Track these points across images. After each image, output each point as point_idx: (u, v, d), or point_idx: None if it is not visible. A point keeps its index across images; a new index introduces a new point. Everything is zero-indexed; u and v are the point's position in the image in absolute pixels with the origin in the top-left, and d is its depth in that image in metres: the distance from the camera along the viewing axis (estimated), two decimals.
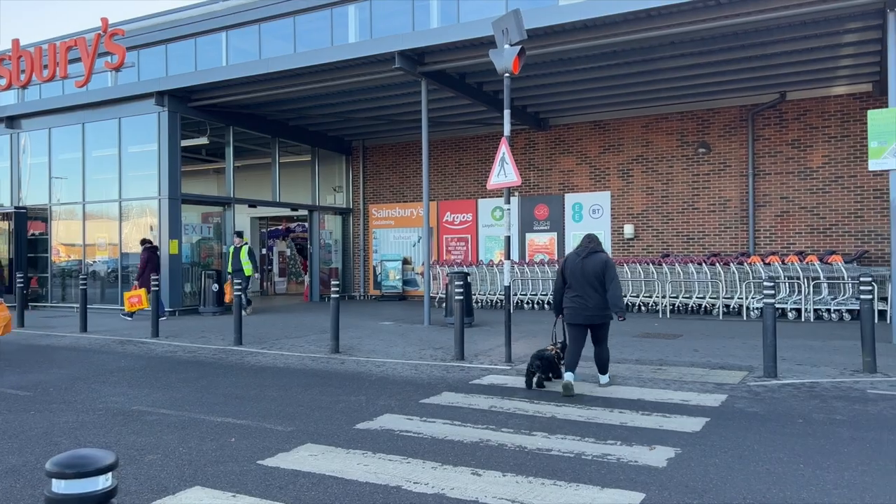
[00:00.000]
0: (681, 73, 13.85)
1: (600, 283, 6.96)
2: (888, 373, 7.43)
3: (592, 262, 7.03)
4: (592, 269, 6.99)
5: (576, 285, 7.07)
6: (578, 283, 7.05)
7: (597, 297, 6.97)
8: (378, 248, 20.30)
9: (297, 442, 5.22)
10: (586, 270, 7.01)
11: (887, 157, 9.56)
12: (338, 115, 17.56)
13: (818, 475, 4.30)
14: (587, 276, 6.99)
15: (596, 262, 7.02)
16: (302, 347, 10.30)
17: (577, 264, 7.09)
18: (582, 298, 7.02)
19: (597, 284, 6.97)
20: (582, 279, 7.02)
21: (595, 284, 6.97)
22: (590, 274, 6.99)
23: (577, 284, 7.06)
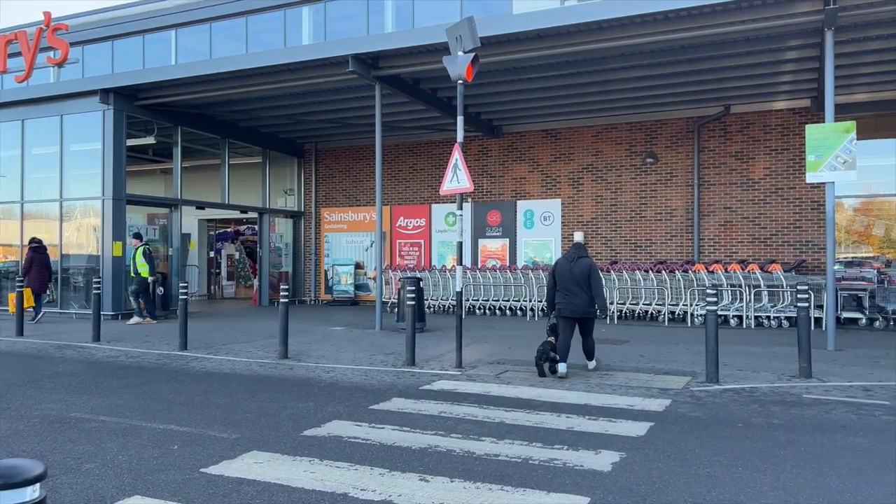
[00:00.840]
0: (630, 85, 14.17)
1: (586, 283, 8.12)
2: (823, 378, 7.72)
3: (580, 266, 8.18)
4: (580, 272, 8.13)
5: (565, 286, 8.19)
6: (567, 283, 8.19)
7: (584, 295, 8.11)
8: (330, 253, 20.12)
9: (243, 449, 5.12)
10: (574, 273, 8.15)
11: (823, 171, 9.96)
12: (290, 117, 17.37)
13: (756, 478, 4.44)
14: (575, 277, 8.14)
15: (582, 266, 8.16)
16: (249, 353, 10.13)
17: (566, 268, 8.24)
18: (571, 296, 8.14)
19: (583, 284, 8.12)
20: (570, 281, 8.16)
21: (582, 285, 8.12)
22: (577, 276, 8.13)
23: (566, 285, 8.19)
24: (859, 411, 6.20)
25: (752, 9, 10.37)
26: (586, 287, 8.10)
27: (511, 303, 15.80)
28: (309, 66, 13.38)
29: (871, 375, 7.89)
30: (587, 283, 8.09)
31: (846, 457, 4.86)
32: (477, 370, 8.56)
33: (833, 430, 5.56)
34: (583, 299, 8.11)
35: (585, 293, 8.10)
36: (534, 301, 15.36)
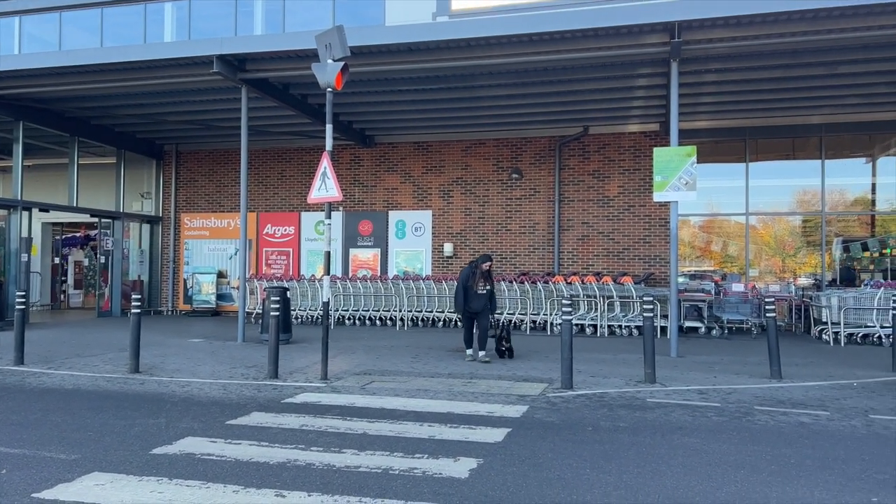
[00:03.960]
0: (498, 102, 14.68)
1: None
2: (665, 383, 8.34)
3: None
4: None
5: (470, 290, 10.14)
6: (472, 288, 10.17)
7: (484, 298, 10.15)
8: (190, 260, 19.18)
9: (83, 471, 4.77)
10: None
11: (669, 191, 10.79)
12: (149, 116, 16.44)
13: (601, 478, 4.71)
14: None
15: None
16: (96, 367, 9.44)
17: (471, 274, 10.21)
18: (474, 299, 10.14)
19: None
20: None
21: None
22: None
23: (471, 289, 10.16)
24: (694, 413, 6.75)
25: (608, 37, 11.09)
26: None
27: (382, 313, 15.79)
28: (171, 64, 12.74)
29: (707, 380, 8.62)
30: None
31: (681, 456, 5.27)
32: (343, 382, 8.48)
33: (671, 432, 6.02)
34: (484, 300, 10.25)
35: (485, 296, 10.29)
36: (404, 311, 15.45)
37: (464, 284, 10.16)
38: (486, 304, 10.20)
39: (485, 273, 10.18)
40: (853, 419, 6.51)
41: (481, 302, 10.15)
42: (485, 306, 10.18)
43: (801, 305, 14.81)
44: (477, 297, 10.13)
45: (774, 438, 5.79)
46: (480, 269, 10.17)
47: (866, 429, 6.16)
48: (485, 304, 10.17)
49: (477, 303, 10.14)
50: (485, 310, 10.20)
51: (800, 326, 14.79)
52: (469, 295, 10.12)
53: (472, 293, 10.11)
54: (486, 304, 10.20)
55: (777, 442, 5.68)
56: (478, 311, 10.18)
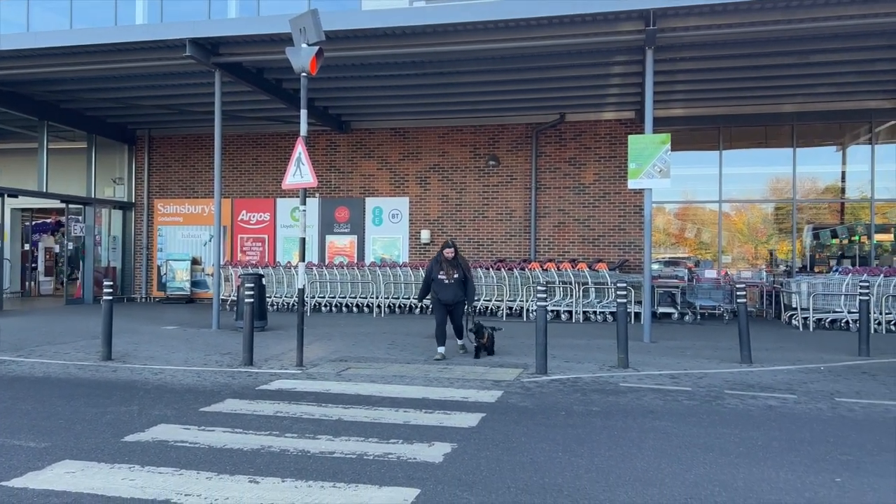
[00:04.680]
0: (475, 89, 14.65)
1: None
2: (638, 368, 8.45)
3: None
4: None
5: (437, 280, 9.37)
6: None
7: (453, 287, 9.27)
8: (164, 247, 18.95)
9: (53, 459, 4.72)
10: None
11: (643, 178, 10.88)
12: (121, 100, 16.14)
13: (573, 461, 4.78)
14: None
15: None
16: (67, 354, 9.32)
17: (435, 264, 9.47)
18: (443, 289, 9.33)
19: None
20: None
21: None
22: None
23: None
24: (666, 397, 6.86)
25: (583, 24, 11.10)
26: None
27: (358, 300, 15.76)
28: (142, 47, 12.52)
29: (679, 365, 8.75)
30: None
31: (652, 439, 5.35)
32: (318, 368, 8.47)
33: (643, 415, 6.11)
34: (455, 291, 9.36)
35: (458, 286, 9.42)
36: (381, 298, 15.43)
37: (428, 275, 9.43)
38: (460, 294, 9.28)
39: (451, 261, 9.28)
40: (819, 402, 6.66)
41: (451, 292, 9.23)
42: (456, 296, 9.27)
43: (773, 291, 15.07)
44: (445, 288, 9.25)
45: (743, 421, 5.91)
46: (443, 256, 9.31)
47: (832, 411, 6.30)
48: (456, 293, 9.25)
49: (446, 293, 9.25)
50: (458, 301, 9.32)
51: (770, 312, 15.05)
52: (437, 285, 9.30)
53: (439, 283, 9.28)
54: (459, 293, 9.28)
55: (746, 425, 5.79)
56: (449, 301, 9.29)
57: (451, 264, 9.26)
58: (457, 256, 9.33)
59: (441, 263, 9.30)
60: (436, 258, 9.47)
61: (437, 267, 9.33)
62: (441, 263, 9.30)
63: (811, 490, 4.21)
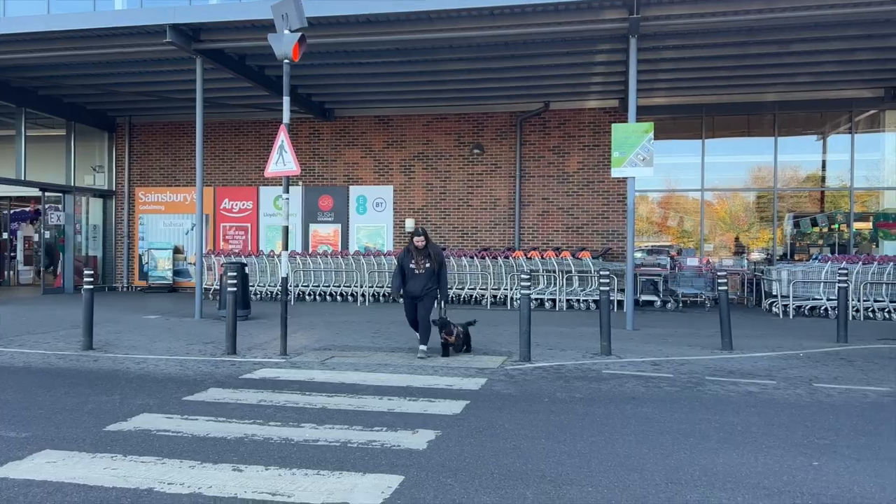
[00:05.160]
0: (459, 77, 14.61)
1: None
2: (620, 355, 8.52)
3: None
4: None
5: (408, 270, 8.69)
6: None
7: (422, 279, 8.53)
8: (145, 236, 18.77)
9: (34, 448, 4.68)
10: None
11: (626, 167, 10.92)
12: (100, 87, 15.91)
13: (556, 447, 4.82)
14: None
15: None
16: (48, 344, 9.23)
17: (406, 253, 8.79)
18: (411, 280, 8.63)
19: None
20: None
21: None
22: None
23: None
24: (647, 384, 6.93)
25: (568, 12, 11.09)
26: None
27: (343, 289, 15.73)
28: (122, 33, 12.34)
29: (660, 352, 8.83)
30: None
31: (633, 425, 5.41)
32: (302, 357, 8.45)
33: (625, 402, 6.17)
34: (423, 282, 8.59)
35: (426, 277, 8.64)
36: (365, 287, 15.41)
37: (400, 264, 8.68)
38: (428, 287, 8.45)
39: (420, 250, 8.52)
40: (798, 388, 6.76)
41: (418, 284, 8.46)
42: (425, 288, 8.45)
43: (754, 279, 15.23)
44: (414, 279, 8.50)
45: (723, 407, 5.99)
46: (413, 245, 8.57)
47: (810, 397, 6.40)
48: (424, 285, 8.44)
49: (413, 284, 8.50)
50: (426, 293, 8.46)
51: (752, 300, 15.22)
52: (406, 275, 8.58)
53: (409, 274, 8.55)
54: (428, 286, 8.45)
55: (726, 410, 5.87)
56: (415, 294, 8.49)
57: (422, 254, 8.52)
58: (428, 245, 8.55)
59: (411, 253, 8.61)
60: (406, 248, 8.74)
61: (407, 257, 8.63)
62: (411, 253, 8.61)
63: (789, 473, 4.28)
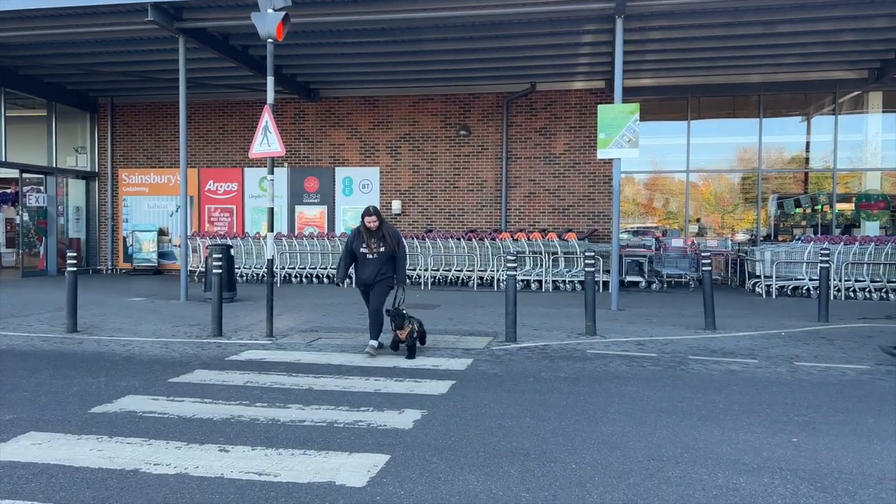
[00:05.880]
0: (445, 57, 14.51)
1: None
2: (605, 335, 8.60)
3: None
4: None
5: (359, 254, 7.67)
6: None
7: (374, 264, 7.53)
8: (129, 217, 18.61)
9: (18, 431, 4.67)
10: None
11: (612, 148, 10.94)
12: (81, 66, 15.67)
13: (540, 426, 4.87)
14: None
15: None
16: (31, 326, 9.17)
17: (356, 235, 7.73)
18: (363, 266, 7.64)
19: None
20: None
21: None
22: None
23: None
24: (632, 363, 7.00)
25: None
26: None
27: (329, 271, 15.69)
28: (103, 11, 12.10)
29: (645, 332, 8.92)
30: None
31: (617, 403, 5.48)
32: (288, 339, 8.46)
33: (609, 381, 6.23)
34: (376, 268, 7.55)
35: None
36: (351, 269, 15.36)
37: (348, 248, 7.62)
38: (382, 273, 7.41)
39: (373, 231, 7.43)
40: (779, 366, 6.86)
41: (371, 270, 7.42)
42: (378, 275, 7.40)
43: (738, 260, 15.37)
44: (365, 264, 7.46)
45: (706, 386, 6.07)
46: (364, 225, 7.47)
47: (791, 375, 6.50)
48: (378, 271, 7.40)
49: (366, 271, 7.47)
50: (379, 280, 7.42)
51: (735, 280, 15.37)
52: (357, 262, 7.59)
53: (360, 260, 7.51)
54: (382, 271, 7.41)
55: (708, 389, 5.95)
56: (369, 282, 7.48)
57: (375, 236, 7.42)
58: (382, 226, 7.45)
59: (362, 234, 7.49)
60: (356, 229, 7.65)
61: (357, 239, 7.52)
62: (362, 234, 7.49)
63: (768, 450, 4.36)
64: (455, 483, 3.78)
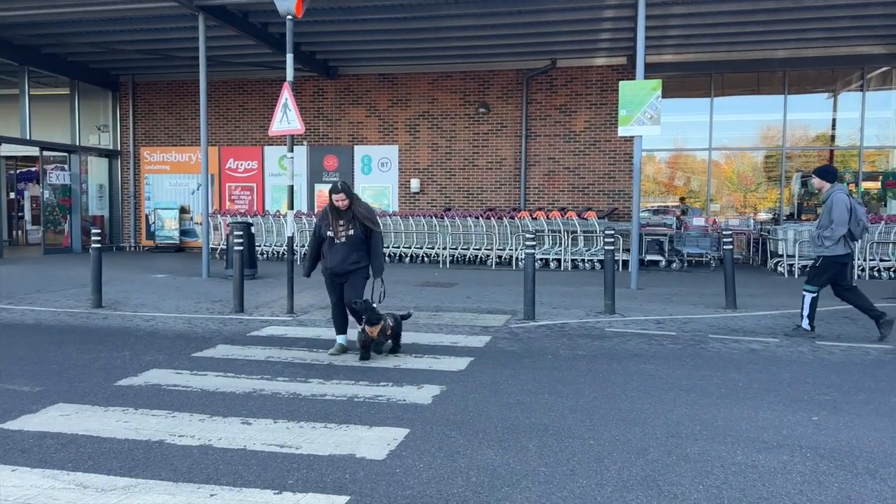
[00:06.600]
0: (464, 33, 14.38)
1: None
2: (624, 313, 8.57)
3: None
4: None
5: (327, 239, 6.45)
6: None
7: (344, 250, 6.25)
8: (151, 195, 18.80)
9: (47, 402, 4.79)
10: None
11: (633, 125, 10.82)
12: (103, 45, 15.77)
13: (558, 402, 4.89)
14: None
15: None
16: (58, 302, 9.34)
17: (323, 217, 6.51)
18: (331, 252, 6.36)
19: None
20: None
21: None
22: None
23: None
24: (651, 342, 6.99)
25: None
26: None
27: None
28: None
29: (664, 310, 8.88)
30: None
31: (636, 381, 5.48)
32: (309, 315, 8.54)
33: (627, 359, 6.23)
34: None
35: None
36: None
37: (316, 233, 6.38)
38: (354, 261, 6.15)
39: (342, 211, 6.14)
40: (801, 346, 6.81)
41: (339, 256, 6.15)
42: (349, 262, 6.15)
43: (760, 239, 15.20)
44: (334, 251, 6.18)
45: (725, 364, 6.05)
46: (332, 204, 6.17)
47: (812, 354, 6.45)
48: (347, 258, 6.14)
49: (334, 257, 6.18)
50: (351, 270, 6.18)
51: (757, 259, 15.21)
52: (325, 248, 6.27)
53: (328, 245, 6.23)
54: (353, 259, 6.15)
55: (727, 367, 5.93)
56: (337, 270, 6.21)
57: (344, 216, 6.15)
58: (352, 204, 6.16)
59: (328, 216, 6.24)
60: (324, 209, 6.38)
61: (324, 221, 6.29)
62: (328, 216, 6.24)
63: (788, 428, 4.35)
64: (473, 457, 3.82)
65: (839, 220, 6.91)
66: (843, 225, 6.92)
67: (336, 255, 6.18)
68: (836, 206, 6.94)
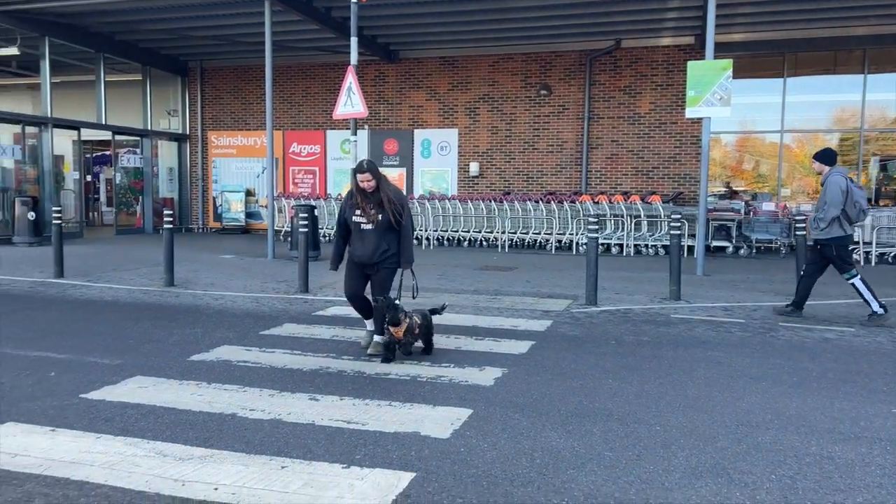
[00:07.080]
0: (526, 14, 14.19)
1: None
2: (690, 300, 8.38)
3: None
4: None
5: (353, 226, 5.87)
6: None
7: (374, 237, 5.64)
8: (218, 179, 19.34)
9: (126, 375, 5.01)
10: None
11: (702, 107, 10.49)
12: (172, 31, 16.23)
13: (623, 388, 4.83)
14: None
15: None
16: (133, 280, 9.74)
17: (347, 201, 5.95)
18: (359, 240, 5.78)
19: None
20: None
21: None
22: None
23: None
24: (718, 329, 6.81)
25: None
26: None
27: None
28: None
29: (732, 297, 8.64)
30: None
31: (703, 368, 5.36)
32: None
33: (694, 346, 6.10)
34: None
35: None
36: (430, 231, 15.53)
37: (341, 218, 5.78)
38: (385, 251, 5.58)
39: (369, 194, 5.53)
40: (879, 335, 6.53)
41: (370, 245, 5.56)
42: (380, 253, 5.57)
43: None
44: (362, 238, 5.59)
45: (797, 353, 5.85)
46: (357, 186, 5.57)
47: (892, 345, 6.18)
48: (376, 248, 5.55)
49: (363, 246, 5.60)
50: (382, 260, 5.60)
51: None
52: (352, 234, 5.68)
53: (355, 230, 5.63)
54: (385, 249, 5.58)
55: (800, 356, 5.74)
56: (366, 261, 5.62)
57: (371, 199, 5.54)
58: (380, 186, 5.53)
59: (355, 198, 5.63)
60: (349, 192, 5.78)
61: (350, 204, 5.68)
62: (355, 198, 5.63)
63: (866, 419, 4.18)
64: (537, 439, 3.82)
65: (832, 202, 7.03)
66: (836, 206, 7.02)
67: (364, 245, 5.58)
68: (831, 188, 7.07)
